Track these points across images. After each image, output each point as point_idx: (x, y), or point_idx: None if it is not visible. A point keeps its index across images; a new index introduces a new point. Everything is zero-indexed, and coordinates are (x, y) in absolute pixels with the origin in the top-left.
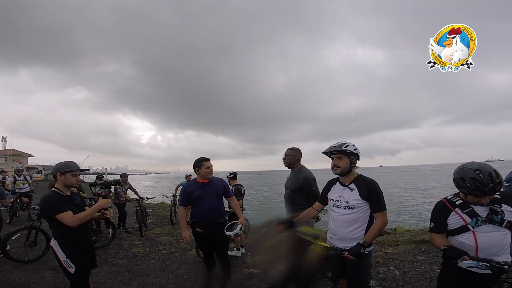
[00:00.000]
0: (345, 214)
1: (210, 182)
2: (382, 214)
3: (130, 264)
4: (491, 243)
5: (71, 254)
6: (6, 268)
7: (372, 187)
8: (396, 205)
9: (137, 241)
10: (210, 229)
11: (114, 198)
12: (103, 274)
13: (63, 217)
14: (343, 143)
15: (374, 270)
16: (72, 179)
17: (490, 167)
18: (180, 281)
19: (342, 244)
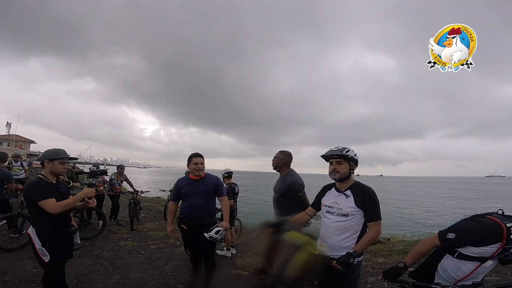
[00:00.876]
0: (337, 221)
1: (202, 179)
2: (376, 224)
3: (115, 258)
4: (480, 274)
5: (47, 242)
6: None
7: (369, 195)
8: (393, 215)
9: (126, 234)
10: (194, 227)
11: (108, 190)
12: (85, 266)
13: (46, 203)
14: (344, 148)
15: (363, 280)
16: (59, 166)
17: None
18: (164, 278)
19: (332, 253)
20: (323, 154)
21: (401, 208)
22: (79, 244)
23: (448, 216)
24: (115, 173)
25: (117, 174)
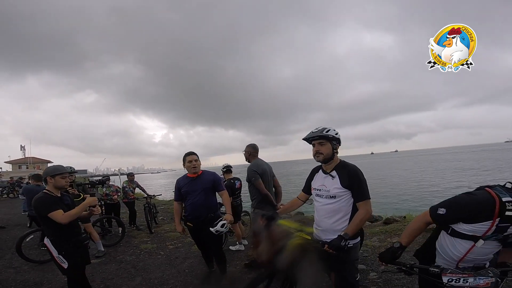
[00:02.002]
0: (327, 203)
1: (199, 177)
2: (365, 204)
3: (137, 261)
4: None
5: (62, 250)
6: (24, 269)
7: (353, 174)
8: (409, 191)
9: (146, 237)
10: (199, 224)
11: (123, 197)
12: (110, 270)
13: (55, 215)
14: (324, 128)
15: (376, 262)
16: (61, 181)
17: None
18: (182, 275)
19: (326, 236)
20: (304, 137)
21: (418, 182)
22: (103, 251)
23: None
24: (126, 181)
25: (128, 182)
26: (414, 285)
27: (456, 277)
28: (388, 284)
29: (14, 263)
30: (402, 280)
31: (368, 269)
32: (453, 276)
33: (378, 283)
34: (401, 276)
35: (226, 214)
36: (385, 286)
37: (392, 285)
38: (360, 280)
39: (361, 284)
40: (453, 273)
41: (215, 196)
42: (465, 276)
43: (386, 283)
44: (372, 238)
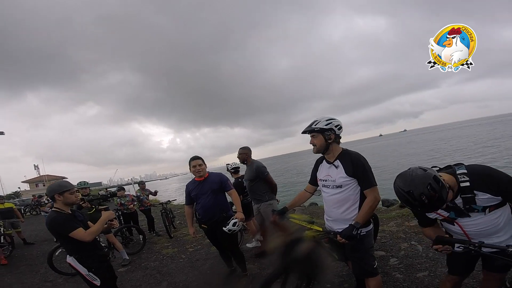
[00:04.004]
0: (334, 193)
1: (206, 180)
2: (372, 191)
3: (161, 266)
4: (481, 229)
5: (92, 267)
6: (59, 282)
7: (357, 162)
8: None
9: (166, 242)
10: (212, 225)
11: (139, 206)
12: (137, 278)
13: (77, 234)
14: (314, 121)
15: (395, 247)
16: (71, 197)
17: (426, 180)
18: (204, 277)
19: (337, 226)
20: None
21: (430, 161)
22: (128, 259)
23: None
24: (139, 190)
25: (141, 190)
26: (437, 269)
27: None
28: (410, 268)
29: (49, 277)
30: (425, 264)
31: (388, 255)
32: None
33: (400, 269)
34: (422, 260)
35: (237, 213)
36: (407, 271)
37: (414, 270)
38: (380, 266)
39: (383, 271)
40: None
41: (225, 196)
42: None
43: (408, 268)
44: (389, 223)
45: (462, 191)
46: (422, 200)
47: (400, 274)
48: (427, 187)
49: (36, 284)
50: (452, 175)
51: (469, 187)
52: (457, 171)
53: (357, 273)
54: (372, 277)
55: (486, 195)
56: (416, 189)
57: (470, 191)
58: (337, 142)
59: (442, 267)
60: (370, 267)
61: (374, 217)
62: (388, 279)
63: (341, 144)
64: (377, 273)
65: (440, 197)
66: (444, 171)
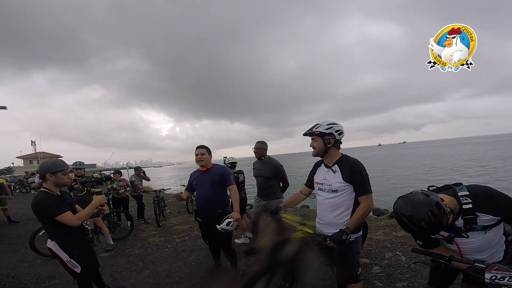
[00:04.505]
0: (329, 198)
1: (208, 170)
2: (367, 198)
3: (145, 254)
4: (476, 248)
5: (73, 253)
6: (37, 263)
7: (355, 169)
8: (417, 184)
9: (154, 231)
10: (207, 219)
11: (132, 191)
12: (120, 264)
13: (65, 217)
14: (316, 124)
15: (380, 256)
16: (64, 178)
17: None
18: (188, 268)
19: (328, 230)
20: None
21: (425, 174)
22: (113, 245)
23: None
24: (134, 175)
25: (136, 176)
26: (417, 280)
27: (501, 274)
28: (391, 278)
29: (28, 257)
30: (406, 274)
31: (372, 263)
32: (498, 273)
33: (381, 277)
34: (404, 270)
35: (233, 212)
36: (387, 280)
37: (395, 280)
38: (363, 274)
39: (364, 278)
40: (500, 269)
41: (225, 192)
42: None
43: (389, 277)
44: (377, 231)
45: (464, 212)
46: (421, 225)
47: (381, 282)
48: (428, 213)
49: (12, 264)
50: (453, 197)
51: (472, 208)
52: (458, 192)
53: (341, 278)
54: (355, 283)
55: (488, 216)
56: (417, 214)
57: (472, 213)
58: (336, 147)
59: (421, 278)
60: (354, 272)
61: (363, 224)
62: (369, 286)
63: (340, 150)
64: (359, 280)
65: (440, 223)
66: (443, 191)
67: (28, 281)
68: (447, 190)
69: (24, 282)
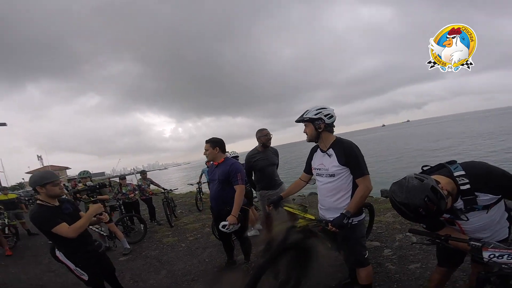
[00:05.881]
0: (327, 182)
1: (219, 166)
2: (364, 179)
3: (160, 254)
4: (478, 227)
5: (79, 262)
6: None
7: (349, 151)
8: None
9: (167, 231)
10: (216, 215)
11: (141, 195)
12: (137, 266)
13: (59, 230)
14: (306, 111)
15: (390, 238)
16: (54, 189)
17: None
18: (203, 265)
19: (330, 215)
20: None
21: (433, 151)
22: (129, 248)
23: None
24: (140, 179)
25: (142, 179)
26: (429, 261)
27: (499, 252)
28: (403, 260)
29: (52, 267)
30: (418, 256)
31: (383, 246)
32: (496, 251)
33: (392, 260)
34: (416, 252)
35: (229, 215)
36: (400, 262)
37: (407, 261)
38: (374, 257)
39: (376, 261)
40: (497, 248)
41: (233, 189)
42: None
43: (401, 259)
44: (386, 213)
45: (463, 194)
46: (419, 212)
47: (393, 265)
48: (424, 199)
49: (39, 274)
50: (449, 178)
51: (470, 189)
52: (454, 173)
53: (349, 262)
54: (363, 267)
55: (488, 196)
56: (413, 201)
57: (471, 193)
58: (328, 131)
59: (434, 259)
60: (361, 256)
61: (369, 207)
62: (381, 269)
63: (344, 134)
64: (368, 264)
65: (439, 209)
66: (437, 172)
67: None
68: (441, 170)
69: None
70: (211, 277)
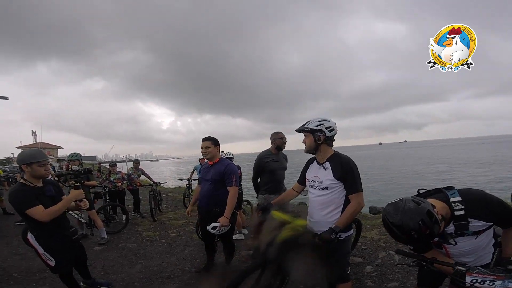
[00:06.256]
0: (319, 195)
1: (214, 166)
2: (357, 196)
3: (138, 248)
4: (464, 252)
5: (48, 247)
6: (29, 256)
7: (346, 166)
8: (413, 185)
9: (149, 225)
10: (204, 215)
11: (128, 184)
12: (112, 258)
13: (33, 212)
14: (308, 121)
15: (373, 255)
16: (40, 170)
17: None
18: (181, 263)
19: (318, 228)
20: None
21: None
22: (106, 238)
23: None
24: (132, 168)
25: (134, 169)
26: (409, 280)
27: (482, 277)
28: (383, 278)
29: (20, 250)
30: (397, 274)
31: (365, 262)
32: (479, 277)
33: (373, 277)
34: (396, 270)
35: (222, 217)
36: (379, 280)
37: (387, 280)
38: (355, 273)
39: (356, 277)
40: (480, 273)
41: (225, 190)
42: (493, 277)
43: (381, 277)
44: (373, 230)
45: (456, 219)
46: (411, 235)
47: (372, 282)
48: (418, 222)
49: (4, 256)
50: (444, 203)
51: (464, 215)
52: (450, 198)
53: (329, 276)
54: (343, 282)
55: (480, 222)
56: (407, 224)
57: (464, 219)
58: (328, 144)
59: (413, 278)
60: (343, 272)
61: (357, 222)
62: (360, 286)
63: (340, 148)
64: (349, 279)
65: (431, 233)
66: (433, 196)
67: (18, 274)
68: (438, 194)
69: (14, 274)
70: (188, 276)
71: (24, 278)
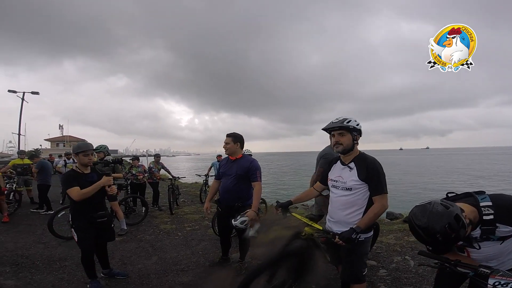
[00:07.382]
0: (342, 195)
1: (237, 161)
2: (382, 198)
3: (155, 240)
4: (487, 257)
5: (74, 224)
6: (52, 244)
7: (372, 167)
8: (436, 190)
9: (166, 218)
10: (225, 210)
11: (148, 178)
12: (130, 249)
13: (70, 191)
14: (345, 118)
15: (388, 259)
16: (84, 158)
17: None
18: (195, 257)
19: (338, 228)
20: (324, 127)
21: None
22: (126, 229)
23: None
24: (153, 162)
25: (155, 163)
26: (422, 285)
27: (506, 280)
28: (397, 282)
29: (44, 239)
30: (412, 279)
31: (379, 266)
32: (502, 279)
33: (386, 281)
34: (411, 275)
35: (249, 211)
36: (393, 284)
37: (400, 284)
38: (368, 276)
39: (369, 280)
40: (505, 276)
41: (249, 186)
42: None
43: (395, 281)
44: (389, 235)
45: (483, 223)
46: (436, 238)
47: (386, 286)
48: (445, 225)
49: (28, 244)
50: (474, 207)
51: (493, 219)
52: (480, 202)
53: (346, 277)
54: (359, 283)
55: (508, 228)
56: (433, 227)
57: (492, 224)
58: (357, 144)
59: (427, 284)
60: (359, 272)
61: (375, 225)
62: None
63: None
64: (364, 280)
65: (457, 236)
66: (463, 200)
67: (40, 262)
68: (467, 198)
69: (36, 263)
70: (202, 270)
71: (46, 266)
